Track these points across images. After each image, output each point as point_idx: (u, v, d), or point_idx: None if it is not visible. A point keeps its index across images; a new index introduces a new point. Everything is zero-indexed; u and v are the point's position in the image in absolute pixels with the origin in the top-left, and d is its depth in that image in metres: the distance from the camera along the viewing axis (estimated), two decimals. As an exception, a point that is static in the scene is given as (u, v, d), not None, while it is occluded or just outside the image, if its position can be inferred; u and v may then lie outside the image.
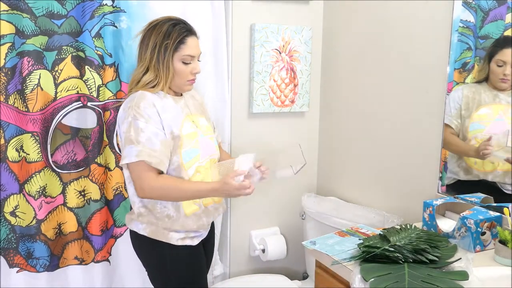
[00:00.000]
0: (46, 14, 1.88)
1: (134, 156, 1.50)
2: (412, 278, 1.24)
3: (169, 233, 1.61)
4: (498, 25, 1.56)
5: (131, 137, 1.51)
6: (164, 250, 1.62)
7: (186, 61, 1.60)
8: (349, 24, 2.26)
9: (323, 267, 1.54)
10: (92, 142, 2.00)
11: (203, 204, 1.66)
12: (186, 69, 1.61)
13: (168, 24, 1.59)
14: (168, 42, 1.57)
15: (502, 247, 1.41)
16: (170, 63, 1.59)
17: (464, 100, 1.71)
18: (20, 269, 1.97)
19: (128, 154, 1.51)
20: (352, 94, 2.27)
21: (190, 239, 1.65)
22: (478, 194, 1.68)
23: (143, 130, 1.52)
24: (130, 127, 1.52)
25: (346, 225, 1.88)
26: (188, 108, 1.69)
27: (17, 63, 1.86)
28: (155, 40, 1.57)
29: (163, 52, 1.57)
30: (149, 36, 1.59)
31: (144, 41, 1.61)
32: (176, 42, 1.57)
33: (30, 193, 1.93)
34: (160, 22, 1.60)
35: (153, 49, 1.57)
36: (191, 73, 1.63)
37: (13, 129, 1.89)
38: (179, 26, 1.60)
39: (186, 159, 1.60)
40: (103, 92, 2.00)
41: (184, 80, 1.63)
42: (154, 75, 1.59)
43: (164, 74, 1.58)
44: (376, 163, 2.14)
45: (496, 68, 1.60)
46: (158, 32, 1.58)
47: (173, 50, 1.58)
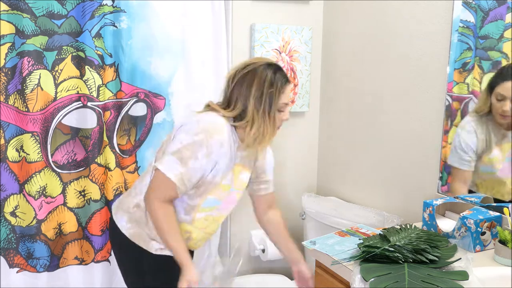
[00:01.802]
0: (46, 14, 1.88)
1: (172, 174, 1.43)
2: (412, 278, 1.24)
3: (150, 241, 1.54)
4: (498, 25, 1.56)
5: (183, 155, 1.43)
6: (142, 256, 1.55)
7: (282, 109, 1.51)
8: (349, 24, 2.26)
9: (323, 267, 1.54)
10: (92, 142, 2.00)
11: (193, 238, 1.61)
12: (279, 117, 1.52)
13: (271, 71, 1.48)
14: (273, 91, 1.47)
15: (502, 247, 1.41)
16: (275, 113, 1.49)
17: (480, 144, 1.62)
18: (20, 269, 1.97)
19: (170, 168, 1.44)
20: (352, 94, 2.27)
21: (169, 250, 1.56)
22: (478, 194, 1.68)
23: (197, 158, 1.43)
24: (191, 146, 1.43)
25: (346, 225, 1.88)
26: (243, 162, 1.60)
27: (17, 63, 1.86)
28: (259, 87, 1.46)
29: (268, 101, 1.46)
30: (251, 80, 1.47)
31: (243, 83, 1.48)
32: (280, 90, 1.48)
33: (30, 193, 1.93)
34: (261, 66, 1.49)
35: (259, 97, 1.46)
36: (281, 120, 1.53)
37: (13, 129, 1.89)
38: (280, 73, 1.50)
39: (206, 204, 1.54)
40: (103, 92, 2.00)
41: (276, 128, 1.54)
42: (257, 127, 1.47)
43: (265, 123, 1.48)
44: (376, 163, 2.14)
45: (496, 101, 1.54)
46: (262, 78, 1.46)
47: (277, 99, 1.48)
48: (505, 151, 1.55)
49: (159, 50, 2.07)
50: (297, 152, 2.48)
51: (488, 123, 1.58)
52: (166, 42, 2.08)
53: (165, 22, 2.07)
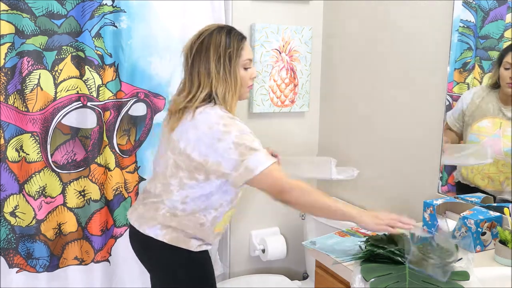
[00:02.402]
0: (46, 14, 1.88)
1: (268, 160, 1.41)
2: (413, 278, 1.24)
3: (190, 240, 1.54)
4: (498, 25, 1.56)
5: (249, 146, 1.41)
6: (183, 256, 1.56)
7: (247, 66, 1.53)
8: (349, 24, 2.26)
9: (323, 267, 1.54)
10: (92, 142, 1.99)
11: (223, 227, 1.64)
12: (247, 75, 1.54)
13: (225, 33, 1.50)
14: (231, 51, 1.48)
15: (502, 247, 1.41)
16: (238, 72, 1.50)
17: (470, 105, 1.68)
18: (20, 269, 1.97)
19: (259, 162, 1.40)
20: (352, 94, 2.27)
21: (206, 244, 1.60)
22: (478, 194, 1.68)
23: (254, 139, 1.44)
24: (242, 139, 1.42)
25: (346, 225, 1.88)
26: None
27: (16, 63, 1.85)
28: (216, 51, 1.47)
29: (229, 62, 1.48)
30: (207, 48, 1.48)
31: (201, 54, 1.49)
32: (238, 49, 1.50)
33: (30, 193, 1.93)
34: (214, 31, 1.50)
35: (218, 61, 1.47)
36: (250, 78, 1.56)
37: (12, 129, 1.88)
38: (234, 32, 1.52)
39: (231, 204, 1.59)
40: (103, 92, 1.99)
41: (246, 86, 1.56)
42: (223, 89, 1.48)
43: (233, 84, 1.49)
44: (376, 163, 2.14)
45: (504, 71, 1.57)
46: (217, 42, 1.48)
47: (237, 58, 1.50)
48: (496, 125, 1.59)
49: (159, 50, 2.07)
50: (297, 152, 2.48)
51: (491, 95, 1.62)
52: (166, 42, 2.08)
53: (165, 22, 2.07)
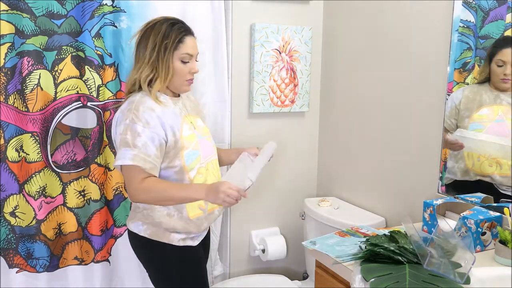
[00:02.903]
0: (46, 14, 1.88)
1: (128, 159, 1.49)
2: (413, 278, 1.24)
3: (170, 234, 1.62)
4: (498, 25, 1.56)
5: (127, 140, 1.51)
6: (166, 251, 1.63)
7: (185, 59, 1.60)
8: (349, 24, 2.26)
9: (323, 267, 1.54)
10: (92, 142, 2.00)
11: (208, 209, 1.66)
12: (184, 69, 1.61)
13: (167, 24, 1.59)
14: (168, 42, 1.56)
15: (502, 247, 1.41)
16: (170, 62, 1.58)
17: (463, 100, 1.70)
18: (20, 269, 1.97)
19: (123, 157, 1.50)
20: (352, 94, 2.27)
21: (191, 239, 1.66)
22: (478, 194, 1.68)
23: (140, 134, 1.51)
24: (127, 130, 1.52)
25: (346, 225, 1.88)
26: (186, 109, 1.69)
27: (17, 63, 1.85)
28: (154, 40, 1.57)
29: (163, 51, 1.56)
30: (148, 37, 1.58)
31: (142, 42, 1.60)
32: (176, 41, 1.57)
33: (30, 193, 1.93)
34: (158, 22, 1.60)
35: (153, 49, 1.56)
36: (190, 72, 1.63)
37: (13, 129, 1.88)
38: (177, 25, 1.60)
39: (188, 161, 1.60)
40: (103, 92, 2.00)
41: (183, 80, 1.63)
42: (152, 73, 1.58)
43: (164, 73, 1.58)
44: (376, 163, 2.14)
45: (497, 68, 1.60)
46: (157, 32, 1.57)
47: (173, 49, 1.57)
48: (496, 112, 1.62)
49: (159, 50, 2.07)
50: (297, 152, 2.48)
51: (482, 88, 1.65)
52: (166, 42, 2.08)
53: (165, 22, 2.07)
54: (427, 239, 1.35)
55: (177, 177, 1.60)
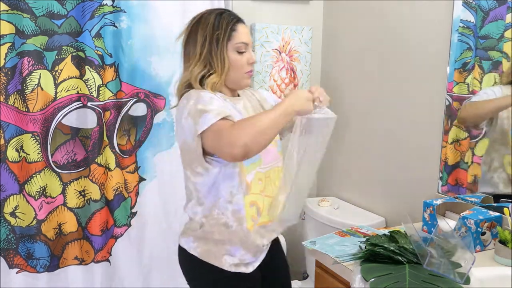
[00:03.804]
0: (46, 14, 1.88)
1: (213, 118, 1.29)
2: (413, 278, 1.24)
3: (222, 257, 1.42)
4: (498, 25, 1.56)
5: (199, 109, 1.31)
6: (215, 275, 1.44)
7: (241, 49, 1.42)
8: (349, 24, 2.26)
9: (323, 267, 1.54)
10: (92, 142, 2.00)
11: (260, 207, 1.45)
12: (242, 59, 1.43)
13: (215, 14, 1.43)
14: (219, 32, 1.40)
15: (502, 247, 1.41)
16: (225, 54, 1.40)
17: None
18: (20, 269, 1.97)
19: (204, 121, 1.29)
20: (352, 94, 2.27)
21: (244, 266, 1.44)
22: (478, 194, 1.68)
23: (211, 101, 1.33)
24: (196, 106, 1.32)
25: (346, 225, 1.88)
26: (247, 111, 1.49)
27: (17, 63, 1.85)
28: (203, 33, 1.40)
29: (215, 43, 1.40)
30: (196, 31, 1.42)
31: (190, 38, 1.44)
32: (228, 30, 1.41)
33: (30, 194, 1.93)
34: (204, 14, 1.44)
35: (203, 43, 1.40)
36: (248, 63, 1.44)
37: (13, 129, 1.88)
38: (226, 13, 1.44)
39: (247, 162, 1.40)
40: (103, 92, 2.00)
41: (241, 72, 1.44)
42: (205, 68, 1.40)
43: (219, 66, 1.40)
44: (376, 163, 2.14)
45: None
46: (205, 24, 1.41)
47: (226, 40, 1.40)
48: None
49: (159, 50, 2.07)
50: (297, 152, 2.48)
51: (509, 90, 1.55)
52: (166, 42, 2.07)
53: (165, 22, 2.07)
54: (427, 239, 1.36)
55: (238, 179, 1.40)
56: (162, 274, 2.21)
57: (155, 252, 2.18)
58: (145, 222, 2.15)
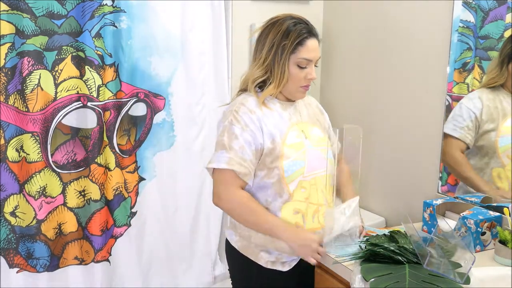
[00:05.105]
0: (46, 14, 1.88)
1: (224, 163, 1.39)
2: (413, 278, 1.24)
3: (259, 253, 1.48)
4: (498, 25, 1.56)
5: (223, 142, 1.41)
6: (252, 269, 1.50)
7: (302, 65, 1.44)
8: (349, 24, 2.26)
9: (323, 267, 1.54)
10: (92, 142, 2.00)
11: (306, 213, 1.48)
12: (300, 74, 1.45)
13: (289, 23, 1.44)
14: (286, 43, 1.42)
15: (502, 247, 1.42)
16: (286, 66, 1.44)
17: (485, 110, 1.57)
18: (20, 269, 1.97)
19: (217, 160, 1.41)
20: (352, 94, 2.27)
21: (281, 264, 1.49)
22: (478, 194, 1.68)
23: (237, 136, 1.41)
24: (225, 131, 1.42)
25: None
26: (300, 115, 1.53)
27: (17, 63, 1.85)
28: (273, 38, 1.44)
29: (280, 52, 1.43)
30: (267, 34, 1.46)
31: (261, 38, 1.48)
32: (295, 43, 1.43)
33: (30, 193, 1.93)
34: (280, 19, 1.47)
35: (270, 48, 1.44)
36: (305, 78, 1.46)
37: (13, 129, 1.88)
38: (300, 26, 1.45)
39: (288, 171, 1.44)
40: (103, 92, 1.99)
41: (297, 85, 1.47)
42: (266, 75, 1.46)
43: (278, 77, 1.44)
44: (376, 163, 2.14)
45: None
46: (277, 30, 1.44)
47: (290, 52, 1.43)
48: None
49: (159, 50, 2.07)
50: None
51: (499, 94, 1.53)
52: (166, 42, 2.08)
53: (165, 22, 2.07)
54: (427, 239, 1.36)
55: (275, 188, 1.45)
56: (162, 274, 2.21)
57: (155, 251, 2.18)
58: (145, 222, 2.16)
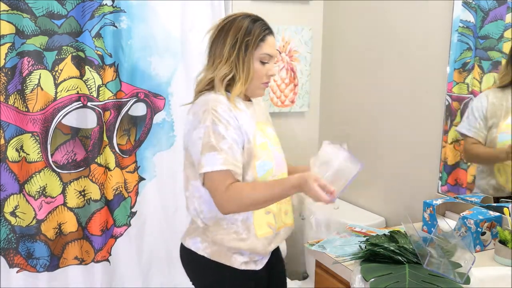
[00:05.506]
0: (46, 14, 1.88)
1: (220, 164, 1.34)
2: (413, 278, 1.24)
3: (232, 255, 1.44)
4: (498, 25, 1.56)
5: (212, 143, 1.35)
6: (225, 274, 1.46)
7: (264, 60, 1.45)
8: (349, 24, 2.26)
9: (323, 267, 1.54)
10: (92, 142, 2.00)
11: (276, 228, 1.50)
12: (262, 70, 1.45)
13: (249, 20, 1.45)
14: (250, 39, 1.42)
15: (502, 247, 1.42)
16: (251, 62, 1.43)
17: (490, 107, 1.59)
18: (20, 269, 1.97)
19: (212, 162, 1.34)
20: (352, 94, 2.27)
21: (254, 263, 1.48)
22: (478, 194, 1.68)
23: (224, 136, 1.36)
24: (209, 133, 1.36)
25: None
26: (257, 115, 1.52)
27: (17, 63, 1.85)
28: (235, 36, 1.42)
29: (244, 49, 1.42)
30: (227, 32, 1.43)
31: (219, 37, 1.45)
32: (258, 39, 1.43)
33: (30, 193, 1.93)
34: (239, 17, 1.46)
35: (233, 46, 1.42)
36: (267, 74, 1.47)
37: (13, 129, 1.89)
38: (259, 22, 1.46)
39: (261, 172, 1.44)
40: (103, 92, 2.00)
41: (259, 82, 1.47)
42: (231, 73, 1.43)
43: (244, 74, 1.43)
44: (376, 163, 2.14)
45: None
46: (237, 27, 1.43)
47: (254, 48, 1.43)
48: None
49: (159, 50, 2.07)
50: (297, 152, 2.48)
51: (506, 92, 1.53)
52: (166, 42, 2.08)
53: (165, 22, 2.07)
54: (427, 239, 1.36)
55: None
56: (162, 273, 2.21)
57: (155, 251, 2.18)
58: (145, 221, 2.16)
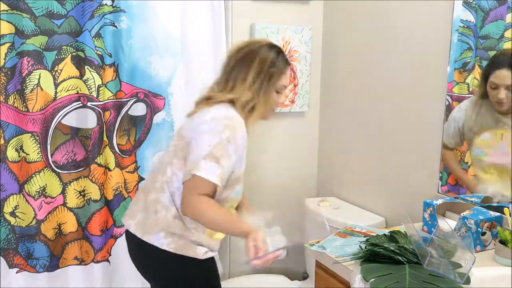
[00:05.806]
0: (46, 14, 1.88)
1: (215, 176, 1.40)
2: (413, 278, 1.24)
3: (196, 247, 1.51)
4: (498, 25, 1.56)
5: (217, 156, 1.40)
6: (191, 265, 1.52)
7: (281, 90, 1.55)
8: (349, 24, 2.26)
9: (323, 267, 1.54)
10: (92, 142, 1.99)
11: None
12: (277, 99, 1.55)
13: (274, 51, 1.53)
14: (274, 71, 1.50)
15: (502, 247, 1.41)
16: (271, 93, 1.52)
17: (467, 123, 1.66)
18: (20, 269, 1.97)
19: (210, 172, 1.40)
20: (352, 94, 2.27)
21: (211, 251, 1.58)
22: (478, 194, 1.68)
23: (229, 157, 1.43)
24: (221, 146, 1.41)
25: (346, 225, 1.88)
26: None
27: (16, 63, 1.85)
28: (261, 66, 1.49)
29: (268, 79, 1.50)
30: (253, 60, 1.50)
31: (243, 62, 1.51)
32: (280, 72, 1.52)
33: (30, 193, 1.93)
34: (264, 46, 1.53)
35: (258, 75, 1.49)
36: (278, 103, 1.58)
37: (12, 129, 1.88)
38: (282, 55, 1.55)
39: (234, 195, 1.54)
40: (103, 92, 1.99)
41: (271, 109, 1.58)
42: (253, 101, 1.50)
43: (263, 103, 1.51)
44: (376, 163, 2.14)
45: (491, 90, 1.55)
46: (263, 57, 1.50)
47: (276, 79, 1.52)
48: (498, 137, 1.55)
49: (159, 50, 2.07)
50: (297, 153, 2.48)
51: (485, 106, 1.59)
52: (166, 42, 2.08)
53: (164, 22, 2.07)
54: (427, 239, 1.35)
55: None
56: (162, 274, 2.21)
57: (155, 252, 2.18)
58: (145, 222, 2.15)
